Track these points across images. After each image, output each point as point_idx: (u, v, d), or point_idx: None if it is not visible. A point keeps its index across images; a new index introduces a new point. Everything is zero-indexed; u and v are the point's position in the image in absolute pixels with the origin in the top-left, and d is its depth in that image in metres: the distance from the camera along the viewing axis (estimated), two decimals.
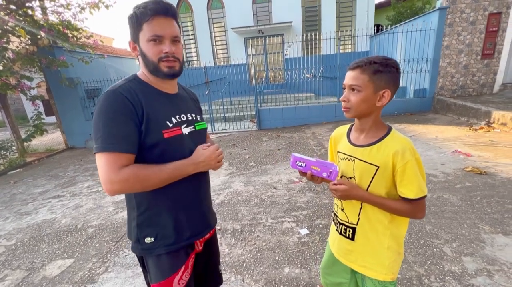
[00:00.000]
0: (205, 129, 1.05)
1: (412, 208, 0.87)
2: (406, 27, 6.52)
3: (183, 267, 0.95)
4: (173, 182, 0.87)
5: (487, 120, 4.72)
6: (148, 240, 0.90)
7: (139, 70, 0.93)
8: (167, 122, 0.87)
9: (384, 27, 7.82)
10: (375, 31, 8.79)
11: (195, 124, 0.98)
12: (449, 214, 2.34)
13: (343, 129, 1.07)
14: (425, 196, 0.85)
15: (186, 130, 0.92)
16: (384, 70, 0.85)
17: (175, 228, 0.92)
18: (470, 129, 4.67)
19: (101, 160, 0.77)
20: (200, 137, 1.00)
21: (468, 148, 3.79)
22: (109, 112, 0.78)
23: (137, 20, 0.82)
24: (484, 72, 6.15)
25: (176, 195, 0.92)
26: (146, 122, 0.82)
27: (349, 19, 9.61)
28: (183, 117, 0.93)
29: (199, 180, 0.98)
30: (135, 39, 0.85)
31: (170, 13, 0.83)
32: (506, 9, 5.73)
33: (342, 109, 0.93)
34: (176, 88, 0.99)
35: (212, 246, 1.12)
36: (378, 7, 10.31)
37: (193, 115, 0.98)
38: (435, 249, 1.93)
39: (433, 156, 3.62)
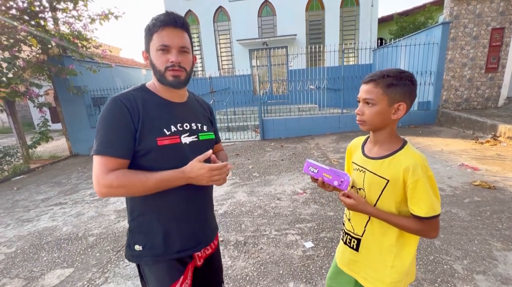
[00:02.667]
0: (211, 140, 1.02)
1: (424, 226, 0.83)
2: (409, 41, 6.60)
3: (182, 277, 0.92)
4: (165, 191, 0.85)
5: (493, 133, 4.67)
6: (137, 247, 0.90)
7: (150, 80, 0.95)
8: (164, 129, 0.87)
9: (387, 41, 7.93)
10: (378, 44, 8.91)
11: (199, 134, 0.96)
12: (459, 229, 2.27)
13: (359, 140, 1.06)
14: (437, 215, 0.82)
15: (186, 139, 0.91)
16: (398, 83, 0.83)
17: (164, 239, 0.90)
18: (476, 142, 4.62)
19: (94, 163, 0.81)
20: (203, 148, 0.93)
21: (475, 161, 3.73)
22: (107, 118, 0.82)
23: (149, 31, 0.85)
24: (489, 86, 6.15)
25: (168, 205, 0.90)
26: (140, 128, 0.83)
27: (353, 32, 9.78)
28: (186, 126, 0.92)
29: (195, 192, 0.94)
30: (147, 49, 0.88)
31: (179, 24, 0.85)
32: (509, 24, 5.80)
33: (357, 121, 0.93)
34: (185, 97, 0.99)
35: (213, 264, 1.08)
36: (381, 21, 10.50)
37: (199, 125, 0.97)
38: (445, 266, 1.86)
39: (439, 169, 3.57)
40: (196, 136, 0.94)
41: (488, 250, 1.99)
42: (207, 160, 0.89)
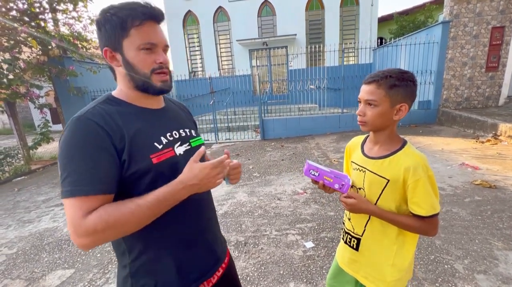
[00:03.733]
0: (202, 144, 0.87)
1: (424, 225, 0.84)
2: (409, 40, 6.59)
3: None
4: (167, 213, 0.69)
5: (494, 132, 4.67)
6: None
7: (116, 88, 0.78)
8: (155, 143, 0.72)
9: (387, 40, 7.92)
10: (378, 44, 8.90)
11: (190, 140, 0.82)
12: (459, 229, 2.27)
13: (359, 139, 1.06)
14: (437, 214, 0.83)
15: (180, 149, 0.77)
16: (400, 84, 0.83)
17: (178, 271, 0.76)
18: (476, 141, 4.61)
19: (66, 208, 0.61)
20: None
21: (475, 160, 3.73)
22: (75, 146, 0.62)
23: (121, 24, 0.67)
24: (489, 85, 6.14)
25: (174, 229, 0.75)
26: (128, 148, 0.66)
27: (352, 32, 9.77)
28: (175, 134, 0.78)
29: (199, 203, 0.81)
30: (115, 46, 0.70)
31: (161, 18, 0.72)
32: (509, 23, 5.79)
33: (358, 122, 0.92)
34: (162, 101, 0.83)
35: (229, 281, 0.93)
36: (381, 20, 10.49)
37: (187, 130, 0.84)
38: (446, 266, 1.86)
39: (440, 169, 3.56)
40: (188, 143, 0.81)
41: (489, 250, 1.98)
42: (202, 159, 0.75)
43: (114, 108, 0.71)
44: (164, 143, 0.74)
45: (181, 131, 0.81)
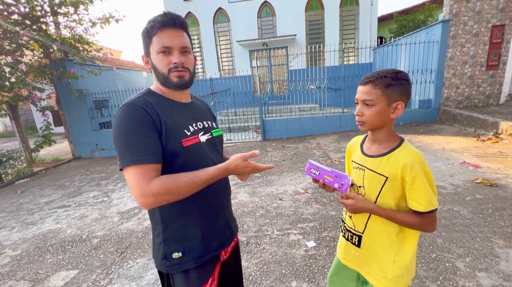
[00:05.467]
0: (222, 135, 1.05)
1: (423, 221, 0.86)
2: (409, 39, 6.59)
3: (210, 279, 0.92)
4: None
5: (495, 131, 4.66)
6: (176, 255, 0.87)
7: (153, 83, 0.94)
8: (185, 131, 0.87)
9: (387, 39, 7.93)
10: (378, 43, 8.90)
11: (212, 131, 0.97)
12: (460, 227, 2.28)
13: (358, 139, 1.09)
14: (435, 210, 0.85)
15: (203, 138, 0.92)
16: (395, 83, 0.86)
17: (202, 239, 0.90)
18: (477, 140, 4.61)
19: (131, 174, 0.75)
20: (218, 144, 1.00)
21: (476, 159, 3.73)
22: (130, 125, 0.77)
23: (147, 34, 0.83)
24: (490, 83, 6.13)
25: (201, 204, 0.90)
26: (165, 132, 0.81)
27: (352, 32, 9.78)
28: (200, 125, 0.93)
29: (221, 185, 0.96)
30: (146, 53, 0.87)
31: (177, 24, 0.83)
32: (509, 21, 5.78)
33: (357, 123, 0.95)
34: (190, 97, 0.99)
35: (237, 255, 1.10)
36: (381, 20, 10.50)
37: (209, 122, 0.98)
38: (447, 264, 1.87)
39: (441, 167, 3.57)
40: (210, 133, 0.95)
41: (490, 248, 1.99)
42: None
43: (154, 99, 0.85)
44: (191, 131, 0.88)
45: (204, 122, 0.96)
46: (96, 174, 5.31)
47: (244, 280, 1.90)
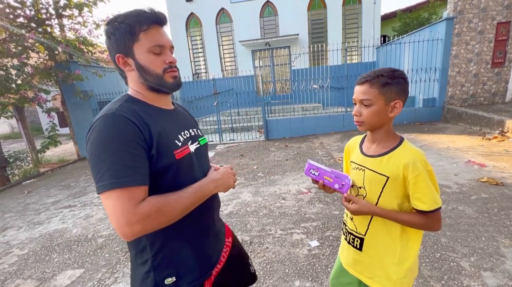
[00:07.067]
0: (207, 143, 0.97)
1: (428, 220, 0.85)
2: (413, 37, 6.54)
3: None
4: None
5: (500, 129, 4.61)
6: (169, 280, 0.78)
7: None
8: (176, 141, 0.78)
9: (390, 38, 7.87)
10: (381, 42, 8.84)
11: (199, 139, 0.90)
12: (465, 226, 2.26)
13: (357, 139, 1.07)
14: (439, 208, 0.83)
15: (192, 147, 0.83)
16: (392, 82, 0.85)
17: (197, 259, 0.83)
18: (483, 138, 4.56)
19: (112, 200, 0.63)
20: (204, 153, 0.92)
21: (482, 158, 3.69)
22: (112, 140, 0.65)
23: (130, 30, 0.71)
24: (495, 81, 6.06)
25: (193, 222, 0.81)
26: (156, 145, 0.71)
27: (355, 30, 9.73)
28: (187, 133, 0.85)
29: (212, 199, 0.87)
30: (127, 52, 0.73)
31: (165, 21, 0.77)
32: None
33: (355, 123, 0.94)
34: (171, 103, 0.89)
35: (239, 255, 1.06)
36: (384, 18, 10.43)
37: (195, 130, 0.91)
38: (452, 263, 1.86)
39: (445, 166, 3.54)
40: (197, 142, 0.88)
41: (495, 247, 1.97)
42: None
43: (138, 107, 0.74)
44: (181, 141, 0.80)
45: (190, 130, 0.88)
46: None
47: None
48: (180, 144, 0.79)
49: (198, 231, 0.84)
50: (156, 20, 0.74)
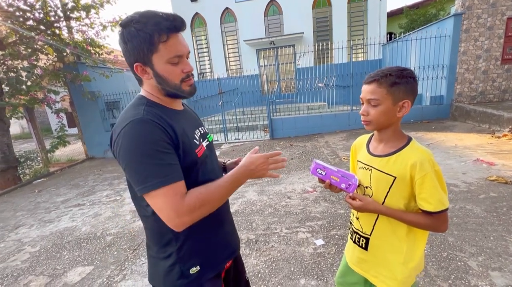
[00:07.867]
0: (213, 140, 1.02)
1: (434, 221, 0.84)
2: (420, 34, 6.44)
3: None
4: None
5: (510, 127, 4.51)
6: (194, 270, 0.82)
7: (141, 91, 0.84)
8: (194, 140, 0.83)
9: (397, 35, 7.77)
10: (388, 39, 8.73)
11: (207, 136, 0.94)
12: (473, 225, 2.23)
13: (364, 138, 1.06)
14: (446, 209, 0.82)
15: (205, 144, 0.88)
16: (401, 81, 0.84)
17: (218, 247, 0.89)
18: (492, 136, 4.47)
19: (160, 197, 0.68)
20: (213, 149, 0.97)
21: (491, 156, 3.62)
22: (146, 143, 0.69)
23: (150, 40, 0.70)
24: (505, 78, 5.92)
25: (213, 212, 0.83)
26: (182, 145, 0.76)
27: (361, 28, 9.63)
28: (198, 132, 0.88)
29: None
30: (145, 61, 0.73)
31: (183, 27, 0.75)
32: None
33: (362, 122, 0.93)
34: (182, 104, 0.92)
35: (240, 258, 1.10)
36: (390, 15, 10.28)
37: (203, 127, 0.95)
38: (459, 263, 1.84)
39: (453, 165, 3.49)
40: (207, 139, 0.92)
41: (504, 247, 1.94)
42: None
43: (160, 110, 0.77)
44: (198, 139, 0.85)
45: (200, 128, 0.91)
46: (108, 173, 5.46)
47: (253, 278, 1.94)
48: (197, 142, 0.83)
49: (217, 220, 0.89)
50: (175, 28, 0.72)
